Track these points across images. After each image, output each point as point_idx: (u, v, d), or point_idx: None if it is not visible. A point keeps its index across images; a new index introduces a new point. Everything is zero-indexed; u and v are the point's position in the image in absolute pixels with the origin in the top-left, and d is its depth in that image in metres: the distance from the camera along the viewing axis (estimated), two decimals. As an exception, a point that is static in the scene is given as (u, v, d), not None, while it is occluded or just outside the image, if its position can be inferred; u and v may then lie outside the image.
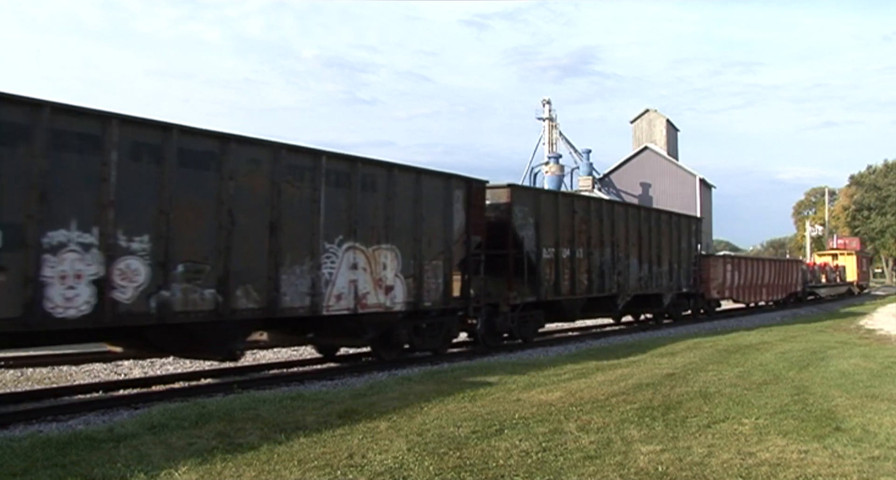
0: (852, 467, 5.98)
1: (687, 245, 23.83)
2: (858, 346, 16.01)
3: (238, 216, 9.71)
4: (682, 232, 23.61)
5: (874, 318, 25.99)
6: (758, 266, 31.70)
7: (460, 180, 13.90)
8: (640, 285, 20.47)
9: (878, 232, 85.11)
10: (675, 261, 22.81)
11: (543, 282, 16.08)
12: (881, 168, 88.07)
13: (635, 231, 20.20)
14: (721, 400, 8.93)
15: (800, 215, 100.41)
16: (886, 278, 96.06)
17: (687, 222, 24.51)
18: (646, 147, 66.52)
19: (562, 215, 16.84)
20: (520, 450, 6.39)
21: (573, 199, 17.76)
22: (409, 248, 12.56)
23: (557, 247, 16.54)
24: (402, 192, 12.41)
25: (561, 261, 16.63)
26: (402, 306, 12.43)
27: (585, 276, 17.62)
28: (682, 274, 23.30)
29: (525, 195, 15.95)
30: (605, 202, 20.45)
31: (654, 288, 21.38)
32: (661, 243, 21.72)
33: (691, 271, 24.05)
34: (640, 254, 20.40)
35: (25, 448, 6.28)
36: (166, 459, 5.96)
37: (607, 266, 18.59)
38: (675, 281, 22.78)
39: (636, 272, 20.16)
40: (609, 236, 18.71)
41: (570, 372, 11.34)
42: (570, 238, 17.04)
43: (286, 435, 6.82)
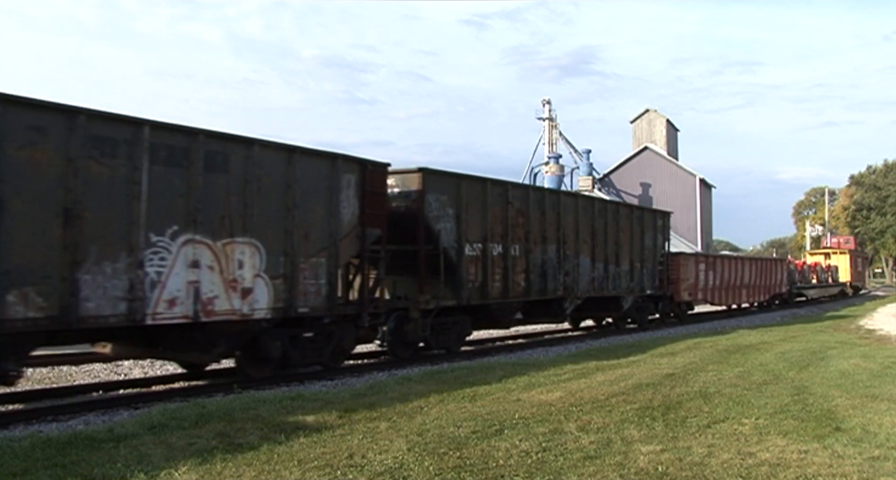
0: (852, 467, 5.98)
1: (652, 242, 21.48)
2: (858, 346, 16.01)
3: (10, 200, 7.68)
4: (647, 227, 21.21)
5: (874, 318, 25.97)
6: (736, 265, 29.13)
7: (351, 162, 11.70)
8: (594, 287, 18.22)
9: (878, 232, 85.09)
10: (638, 260, 20.50)
11: (466, 283, 13.94)
12: (881, 168, 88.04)
13: (588, 225, 17.99)
14: (721, 400, 8.93)
15: (800, 215, 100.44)
16: (886, 278, 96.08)
17: (652, 217, 22.05)
18: (646, 147, 66.54)
19: (492, 206, 14.66)
20: (520, 450, 6.39)
21: (507, 188, 15.26)
22: (276, 243, 10.43)
23: (486, 243, 14.42)
24: (266, 175, 10.26)
25: (490, 259, 14.51)
26: (266, 312, 10.28)
27: (522, 277, 15.51)
28: (645, 275, 20.97)
29: (442, 181, 13.63)
30: (550, 192, 17.72)
31: (612, 290, 19.10)
32: (620, 240, 19.45)
33: (657, 271, 21.72)
34: (594, 252, 18.20)
35: (25, 448, 6.28)
36: (166, 459, 5.96)
37: (551, 265, 16.46)
38: (637, 282, 20.45)
39: (589, 272, 17.95)
40: (554, 231, 16.61)
41: (570, 372, 11.34)
42: (503, 232, 14.88)
43: (286, 435, 6.82)
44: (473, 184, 14.46)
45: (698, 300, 25.60)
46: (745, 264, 30.01)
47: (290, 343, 11.05)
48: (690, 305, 25.41)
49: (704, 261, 26.10)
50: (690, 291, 24.47)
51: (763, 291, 31.84)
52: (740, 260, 30.08)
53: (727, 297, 28.11)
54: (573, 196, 18.78)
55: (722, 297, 27.59)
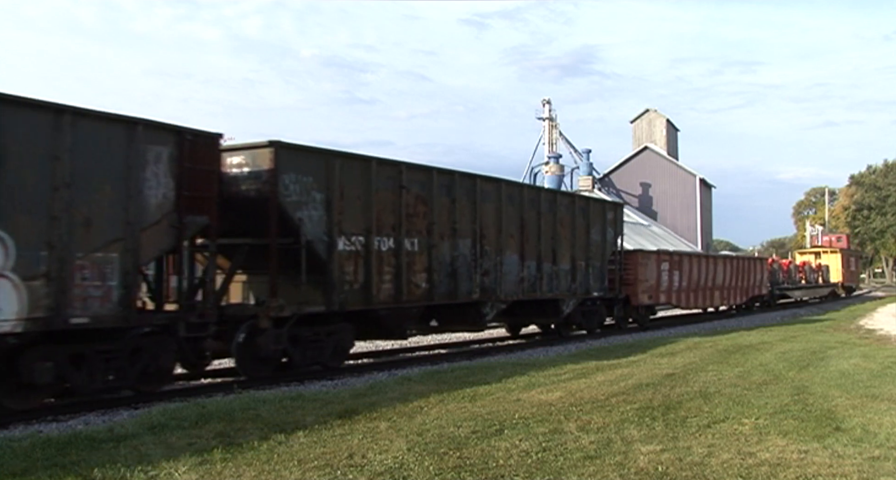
0: (852, 467, 5.97)
1: (600, 237, 18.94)
2: (858, 346, 16.01)
3: None
4: (593, 220, 18.64)
5: (874, 318, 25.97)
6: (707, 264, 26.45)
7: (161, 130, 9.42)
8: (523, 288, 15.79)
9: (878, 232, 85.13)
10: (582, 258, 18.00)
11: (340, 285, 11.46)
12: (881, 168, 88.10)
13: (515, 217, 15.58)
14: (721, 399, 8.93)
15: (800, 215, 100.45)
16: (887, 278, 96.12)
17: (600, 208, 19.43)
18: (646, 147, 66.56)
19: (380, 190, 12.15)
20: (520, 450, 6.39)
21: (401, 169, 12.64)
22: (34, 232, 8.09)
23: (370, 236, 11.92)
24: (17, 142, 7.95)
25: (376, 256, 12.03)
26: (14, 325, 7.89)
27: (423, 277, 13.06)
28: (592, 275, 18.45)
29: (304, 159, 11.11)
30: (462, 176, 14.28)
31: (547, 292, 16.60)
32: (558, 234, 16.98)
33: (606, 270, 19.23)
34: (524, 248, 15.79)
35: (25, 448, 6.29)
36: (166, 459, 5.96)
37: (464, 263, 14.03)
38: (580, 283, 17.93)
39: (516, 271, 15.55)
40: (469, 223, 14.15)
41: (570, 371, 11.34)
42: (395, 223, 12.41)
43: (286, 435, 6.83)
44: (352, 163, 11.90)
45: (661, 303, 23.07)
46: (717, 264, 27.41)
47: (70, 364, 8.64)
48: (652, 309, 22.91)
49: (668, 260, 23.25)
50: (651, 293, 21.89)
51: (740, 293, 29.32)
52: (712, 260, 27.43)
53: (696, 300, 25.65)
54: (494, 181, 15.31)
55: (690, 300, 25.07)
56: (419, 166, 13.47)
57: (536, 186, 17.49)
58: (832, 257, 45.90)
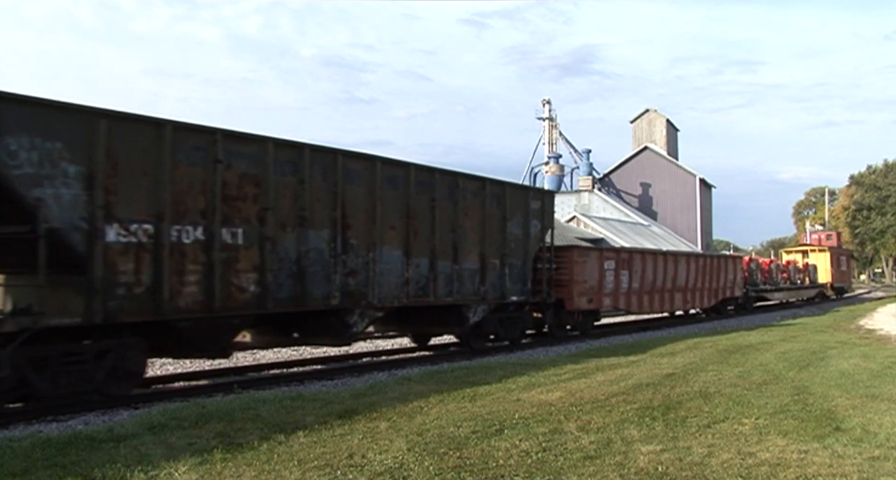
0: (852, 467, 5.97)
1: (521, 230, 15.82)
2: (858, 346, 16.01)
3: None
4: (512, 210, 15.49)
5: (874, 318, 25.98)
6: (666, 263, 22.99)
7: None
8: (409, 292, 12.84)
9: (878, 232, 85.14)
10: (495, 256, 14.99)
11: (109, 287, 8.58)
12: (881, 168, 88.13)
13: (397, 204, 12.61)
14: (721, 399, 8.93)
15: (800, 215, 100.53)
16: (887, 278, 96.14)
17: (521, 197, 16.00)
18: (646, 147, 66.60)
19: (181, 165, 9.28)
20: (520, 450, 6.39)
21: (216, 139, 9.72)
22: None
23: (162, 223, 9.05)
24: None
25: (174, 250, 9.20)
26: None
27: (252, 277, 10.15)
28: (509, 276, 15.39)
29: (48, 119, 8.12)
30: (315, 150, 11.17)
31: (444, 296, 13.60)
32: (460, 226, 14.02)
33: (529, 271, 16.13)
34: (410, 243, 12.79)
35: (25, 448, 6.29)
36: (166, 459, 5.96)
37: (318, 260, 11.11)
38: (492, 285, 14.88)
39: (399, 271, 12.63)
40: (327, 210, 11.26)
41: (570, 371, 11.34)
42: (207, 208, 9.58)
43: (286, 435, 6.82)
44: (132, 127, 8.90)
45: (606, 307, 19.94)
46: (679, 263, 24.00)
47: None
48: (595, 315, 19.77)
49: (614, 258, 20.11)
50: (591, 296, 18.68)
51: (708, 295, 26.11)
52: (672, 258, 23.86)
53: (652, 304, 22.36)
54: (366, 159, 12.19)
55: (644, 304, 21.78)
56: (246, 135, 10.24)
57: (429, 167, 13.56)
58: (820, 256, 42.74)
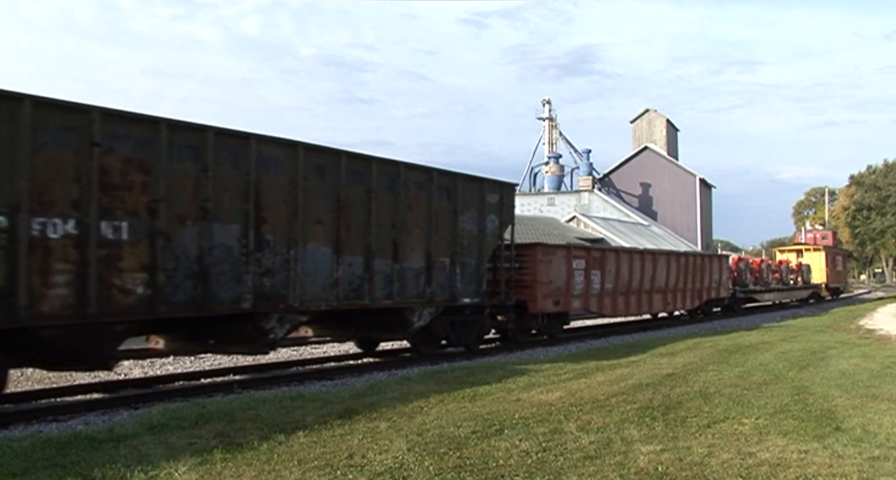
0: (852, 467, 5.98)
1: (475, 226, 14.37)
2: (858, 346, 16.01)
3: None
4: (465, 204, 14.07)
5: (874, 318, 25.99)
6: (643, 263, 21.36)
7: None
8: (340, 294, 11.41)
9: (878, 232, 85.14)
10: (444, 254, 13.58)
11: None
12: (881, 168, 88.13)
13: (325, 196, 11.23)
14: (721, 400, 8.93)
15: (800, 215, 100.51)
16: (887, 278, 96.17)
17: (476, 189, 14.47)
18: (646, 147, 66.62)
19: (46, 147, 8.11)
20: (520, 450, 6.39)
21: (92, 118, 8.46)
22: None
23: (18, 215, 7.87)
24: None
25: (35, 245, 8.01)
26: None
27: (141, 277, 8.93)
28: (461, 276, 13.91)
29: None
30: (220, 135, 9.85)
31: (382, 298, 12.20)
32: (402, 221, 12.57)
33: (484, 270, 14.71)
34: (341, 240, 11.41)
35: (25, 448, 6.29)
36: (166, 459, 5.96)
37: (226, 258, 9.84)
38: (441, 286, 13.48)
39: (327, 270, 11.21)
40: (238, 202, 9.98)
41: (570, 371, 11.34)
42: (81, 197, 8.35)
43: (286, 435, 6.82)
44: None
45: (576, 310, 18.52)
46: (658, 262, 22.32)
47: None
48: (563, 318, 18.22)
49: (584, 257, 18.47)
50: (558, 298, 17.23)
51: (691, 297, 24.57)
52: (650, 257, 22.18)
53: (628, 306, 20.83)
54: (287, 146, 10.78)
55: (619, 306, 20.29)
56: (132, 115, 8.99)
57: (364, 155, 12.27)
58: (815, 255, 41.10)
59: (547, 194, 63.90)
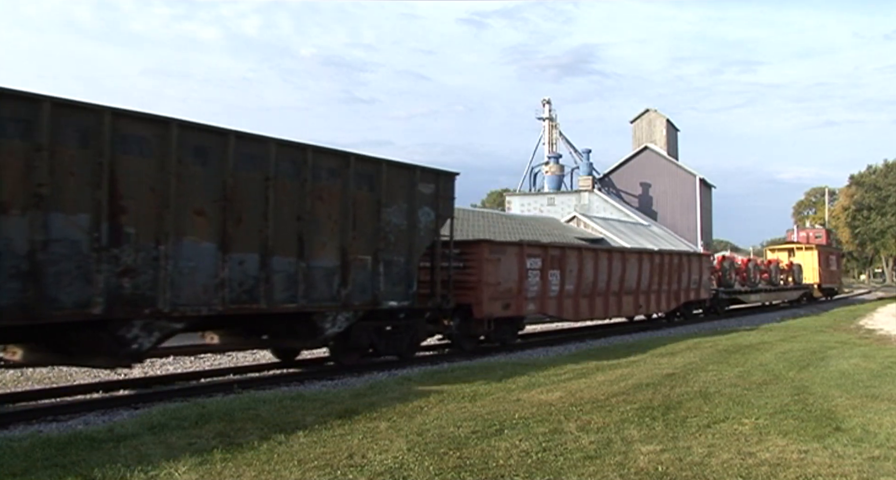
0: (852, 467, 5.98)
1: (406, 220, 12.71)
2: (858, 346, 16.01)
3: None
4: (392, 195, 12.41)
5: (874, 318, 26.00)
6: (611, 262, 19.32)
7: None
8: (229, 296, 9.90)
9: (878, 232, 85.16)
10: (366, 251, 11.92)
11: None
12: (881, 168, 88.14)
13: (207, 182, 9.70)
14: (721, 399, 8.93)
15: (800, 215, 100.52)
16: (886, 278, 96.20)
17: (405, 177, 12.78)
18: (646, 147, 66.66)
19: None
20: (520, 450, 6.39)
21: None
22: None
23: None
24: None
25: None
26: None
27: None
28: (387, 275, 12.30)
29: None
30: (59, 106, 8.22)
31: (285, 302, 10.65)
32: (310, 212, 11.01)
33: (415, 269, 12.96)
34: (227, 233, 9.86)
35: (25, 448, 6.29)
36: (166, 459, 5.96)
37: (71, 254, 8.32)
38: (360, 287, 11.84)
39: (210, 269, 9.70)
40: (87, 187, 8.46)
41: (570, 371, 11.34)
42: None
43: (286, 435, 6.83)
44: None
45: (530, 313, 16.64)
46: (628, 261, 20.30)
47: None
48: (516, 323, 16.40)
49: (540, 255, 16.53)
50: (509, 301, 15.43)
51: (666, 298, 22.59)
52: (619, 255, 20.25)
53: (593, 309, 18.71)
54: (156, 123, 9.26)
55: (582, 309, 18.21)
56: None
57: (259, 136, 10.49)
58: (807, 254, 39.38)
59: (547, 194, 63.96)
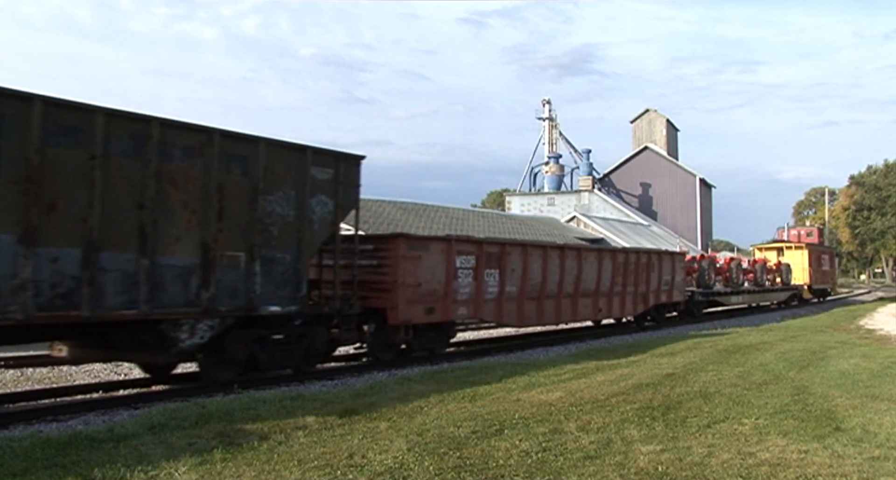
0: (852, 467, 5.98)
1: (294, 210, 10.93)
2: (858, 346, 16.01)
3: None
4: (273, 180, 10.63)
5: (874, 318, 26.00)
6: (564, 260, 17.21)
7: None
8: (34, 302, 8.12)
9: (878, 232, 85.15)
10: (236, 245, 10.14)
11: None
12: (882, 168, 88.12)
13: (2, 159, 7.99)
14: (721, 399, 8.93)
15: (800, 215, 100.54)
16: (886, 278, 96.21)
17: (294, 160, 10.97)
18: (646, 147, 66.68)
19: None
20: (520, 450, 6.39)
21: None
22: None
23: None
24: None
25: None
26: None
27: None
28: (266, 275, 10.47)
29: None
30: None
31: (120, 307, 8.90)
32: (155, 198, 9.27)
33: (306, 267, 11.07)
34: (31, 223, 8.11)
35: (25, 448, 6.29)
36: (166, 459, 5.96)
37: None
38: (229, 289, 10.02)
39: (7, 268, 7.97)
40: None
41: (570, 371, 11.34)
42: None
43: (286, 435, 6.83)
44: None
45: (462, 318, 14.83)
46: (586, 259, 18.21)
47: None
48: (445, 329, 14.45)
49: (475, 253, 14.52)
50: (433, 305, 13.54)
51: (632, 301, 20.59)
52: (574, 253, 17.92)
53: (542, 313, 16.66)
54: None
55: (527, 314, 16.17)
56: None
57: (82, 104, 8.47)
58: (796, 253, 37.57)
59: (547, 194, 63.98)
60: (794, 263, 36.56)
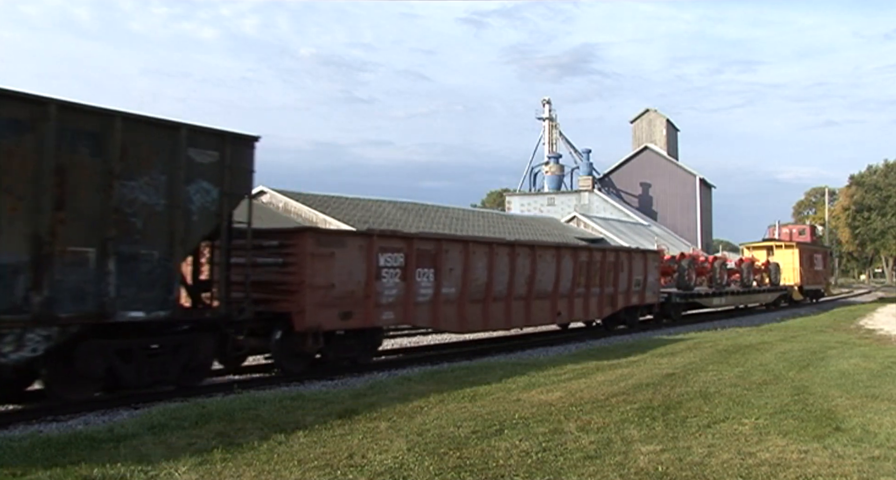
0: (852, 467, 5.98)
1: (165, 198, 9.23)
2: (858, 346, 16.01)
3: None
4: (136, 162, 8.88)
5: (874, 318, 26.00)
6: (514, 259, 15.64)
7: None
8: None
9: (879, 232, 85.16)
10: (83, 239, 8.40)
11: None
12: (882, 168, 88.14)
13: None
14: (721, 400, 8.93)
15: (800, 215, 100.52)
16: (886, 278, 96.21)
17: (164, 139, 9.26)
18: (646, 147, 66.70)
19: None
20: (520, 450, 6.39)
21: None
22: None
23: None
24: None
25: None
26: None
27: None
28: (124, 274, 8.68)
29: None
30: None
31: None
32: None
33: (177, 266, 9.42)
34: None
35: (25, 448, 6.29)
36: (166, 459, 5.96)
37: None
38: (73, 292, 8.26)
39: None
40: None
41: (570, 371, 11.33)
42: None
43: (286, 435, 6.83)
44: None
45: (388, 323, 13.17)
46: (541, 257, 16.57)
47: None
48: (371, 336, 12.83)
49: (403, 249, 12.98)
50: (351, 309, 11.95)
51: (598, 303, 18.93)
52: (527, 250, 16.32)
53: (487, 318, 15.07)
54: None
55: (469, 318, 14.54)
56: None
57: None
58: (786, 253, 35.85)
59: (547, 194, 63.99)
60: (783, 263, 34.96)
